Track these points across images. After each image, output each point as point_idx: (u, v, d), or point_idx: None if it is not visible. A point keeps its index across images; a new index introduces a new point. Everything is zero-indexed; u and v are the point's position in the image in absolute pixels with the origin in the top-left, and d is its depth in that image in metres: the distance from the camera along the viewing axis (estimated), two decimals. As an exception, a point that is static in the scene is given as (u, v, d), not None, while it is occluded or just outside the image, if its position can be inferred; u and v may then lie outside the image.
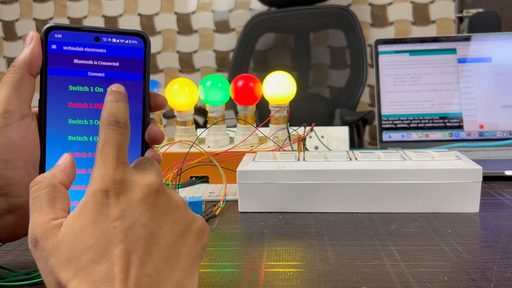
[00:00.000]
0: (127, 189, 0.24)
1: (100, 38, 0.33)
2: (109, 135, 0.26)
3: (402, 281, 0.33)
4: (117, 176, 0.24)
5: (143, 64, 0.34)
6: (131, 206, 0.24)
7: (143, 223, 0.24)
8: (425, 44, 0.82)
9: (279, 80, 0.61)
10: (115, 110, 0.27)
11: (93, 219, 0.23)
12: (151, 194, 0.25)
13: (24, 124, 0.31)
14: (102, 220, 0.23)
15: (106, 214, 0.23)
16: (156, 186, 0.25)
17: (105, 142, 0.26)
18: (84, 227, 0.23)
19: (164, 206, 0.25)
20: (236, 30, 2.00)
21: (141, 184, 0.25)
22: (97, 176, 0.25)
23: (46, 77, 0.32)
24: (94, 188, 0.24)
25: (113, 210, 0.23)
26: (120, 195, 0.24)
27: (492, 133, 0.79)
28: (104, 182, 0.24)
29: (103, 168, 0.25)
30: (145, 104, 0.34)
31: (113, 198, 0.24)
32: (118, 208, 0.24)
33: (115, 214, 0.23)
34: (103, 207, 0.24)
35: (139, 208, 0.24)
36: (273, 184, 0.49)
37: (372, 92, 1.95)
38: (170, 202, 0.26)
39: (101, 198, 0.24)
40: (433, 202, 0.47)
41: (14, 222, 0.32)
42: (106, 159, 0.25)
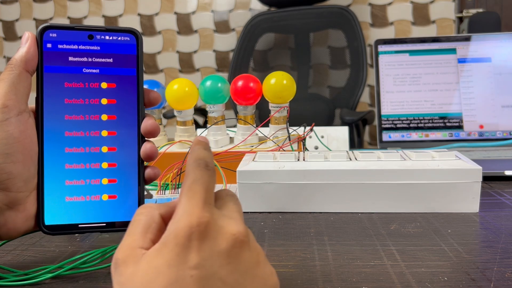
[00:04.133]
0: (211, 235, 0.23)
1: (93, 36, 0.34)
2: (198, 175, 0.25)
3: (402, 281, 0.33)
4: (203, 218, 0.23)
5: (136, 60, 0.35)
6: (212, 256, 0.22)
7: (222, 276, 0.22)
8: (425, 44, 0.82)
9: (279, 80, 0.61)
10: (204, 155, 0.27)
11: (171, 262, 0.22)
12: (236, 246, 0.23)
13: (22, 119, 0.32)
14: (180, 265, 0.21)
15: (185, 260, 0.22)
16: (242, 237, 0.23)
17: (194, 180, 0.25)
18: (160, 268, 0.22)
19: (246, 262, 0.23)
20: (236, 30, 2.00)
21: (226, 232, 0.23)
22: (183, 213, 0.23)
23: (42, 75, 0.33)
24: (178, 227, 0.22)
25: (193, 257, 0.22)
26: (203, 241, 0.22)
27: (492, 133, 0.79)
28: (189, 222, 0.22)
29: (190, 206, 0.23)
30: (139, 98, 0.35)
31: (196, 243, 0.22)
32: (199, 256, 0.22)
33: (195, 262, 0.22)
34: (183, 250, 0.22)
35: (220, 260, 0.22)
36: (273, 184, 0.49)
37: (372, 92, 1.95)
38: (252, 257, 0.24)
39: (183, 240, 0.22)
40: (433, 202, 0.47)
41: (14, 218, 0.32)
42: (194, 197, 0.24)
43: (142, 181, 0.35)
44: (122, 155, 0.35)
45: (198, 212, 0.23)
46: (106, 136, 0.35)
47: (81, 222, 0.34)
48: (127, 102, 0.35)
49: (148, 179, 0.36)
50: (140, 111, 0.35)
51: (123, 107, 0.35)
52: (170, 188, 0.56)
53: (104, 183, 0.35)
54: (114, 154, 0.35)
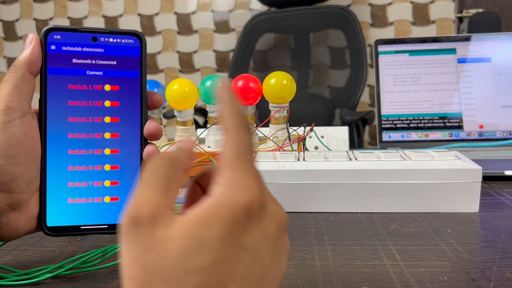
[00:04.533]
0: (265, 217, 0.21)
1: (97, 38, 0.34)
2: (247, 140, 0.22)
3: (402, 281, 0.33)
4: (262, 197, 0.21)
5: (140, 62, 0.35)
6: (263, 240, 0.21)
7: (263, 261, 0.21)
8: (425, 44, 0.82)
9: (279, 80, 0.61)
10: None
11: (221, 237, 0.19)
12: (280, 231, 0.22)
13: (26, 121, 0.32)
14: (232, 243, 0.19)
15: (238, 238, 0.20)
16: (286, 222, 0.23)
17: (246, 146, 0.22)
18: (207, 242, 0.19)
19: (281, 246, 0.23)
20: (236, 30, 2.00)
21: (276, 216, 0.22)
22: (241, 186, 0.20)
23: (46, 77, 0.33)
24: (236, 200, 0.20)
25: (246, 237, 0.20)
26: (259, 223, 0.21)
27: (492, 133, 0.79)
28: (249, 199, 0.20)
29: (248, 181, 0.21)
30: (143, 100, 0.35)
31: (253, 224, 0.20)
32: (252, 238, 0.20)
33: (247, 243, 0.20)
34: (239, 228, 0.20)
35: (268, 244, 0.21)
36: (273, 184, 0.49)
37: (372, 92, 1.95)
38: (285, 243, 0.23)
39: (240, 217, 0.20)
40: (433, 202, 0.47)
41: (16, 219, 0.32)
42: (249, 169, 0.21)
43: None
44: (125, 157, 0.35)
45: (257, 188, 0.21)
46: (109, 138, 0.35)
47: (83, 224, 0.34)
48: (130, 105, 0.35)
49: None
50: (143, 113, 0.35)
51: (126, 110, 0.35)
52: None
53: (107, 185, 0.35)
54: (116, 156, 0.35)
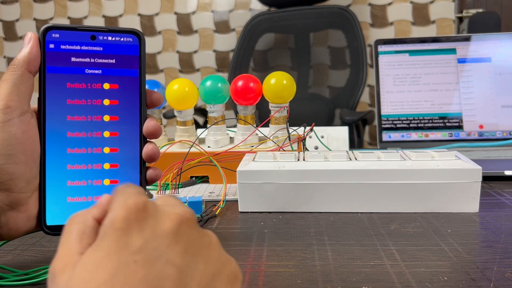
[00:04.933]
0: (152, 216, 0.21)
1: (96, 37, 0.34)
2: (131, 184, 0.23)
3: (402, 281, 0.33)
4: (140, 200, 0.21)
5: (139, 61, 0.35)
6: (157, 237, 0.20)
7: (170, 258, 0.19)
8: (425, 44, 0.82)
9: (279, 80, 0.61)
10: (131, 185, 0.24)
11: (110, 250, 0.19)
12: (183, 224, 0.21)
13: (25, 120, 0.32)
14: (120, 251, 0.19)
15: (125, 244, 0.19)
16: (188, 215, 0.21)
17: (126, 185, 0.23)
18: (99, 261, 0.19)
19: (196, 242, 0.21)
20: (236, 30, 2.00)
21: (170, 212, 0.21)
22: (117, 204, 0.21)
23: (44, 75, 0.33)
24: (113, 215, 0.20)
25: (134, 240, 0.19)
26: (144, 222, 0.20)
27: (491, 133, 0.79)
28: (125, 208, 0.20)
29: (124, 197, 0.21)
30: (142, 99, 0.35)
31: (136, 226, 0.20)
32: (141, 238, 0.20)
33: (137, 245, 0.19)
34: (122, 235, 0.19)
35: (166, 240, 0.20)
36: (273, 184, 0.49)
37: (372, 92, 1.95)
38: (203, 237, 0.22)
39: (120, 224, 0.20)
40: (433, 202, 0.47)
41: (16, 218, 0.32)
42: (125, 192, 0.22)
43: (143, 182, 0.35)
44: (124, 156, 0.35)
45: (133, 198, 0.21)
46: (108, 137, 0.35)
47: None
48: (129, 103, 0.35)
49: (149, 180, 0.36)
50: (142, 112, 0.35)
51: (125, 108, 0.35)
52: (170, 188, 0.56)
53: (106, 183, 0.35)
54: (116, 155, 0.35)
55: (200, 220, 0.46)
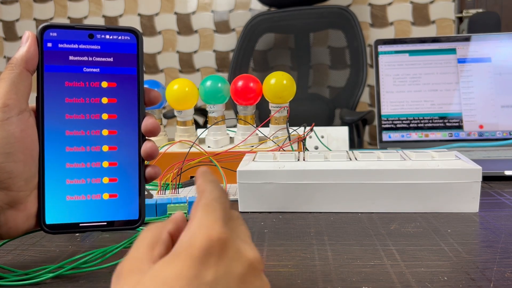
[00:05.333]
0: (230, 255, 0.21)
1: (94, 35, 0.34)
2: (217, 194, 0.24)
3: (402, 281, 0.33)
4: (224, 234, 0.21)
5: (136, 59, 0.35)
6: (228, 278, 0.21)
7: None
8: (425, 44, 0.82)
9: (279, 80, 0.61)
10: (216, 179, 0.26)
11: (182, 274, 0.20)
12: (251, 273, 0.22)
13: (23, 118, 0.32)
14: (192, 279, 0.20)
15: (199, 274, 0.20)
16: (258, 264, 0.22)
17: (214, 198, 0.23)
18: (169, 279, 0.19)
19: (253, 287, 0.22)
20: (236, 30, 2.00)
21: (244, 256, 0.22)
22: (201, 226, 0.21)
23: (42, 74, 0.33)
24: (195, 238, 0.21)
25: (208, 272, 0.20)
26: (221, 259, 0.21)
27: (491, 133, 0.79)
28: (208, 236, 0.21)
29: (209, 221, 0.22)
30: (140, 97, 0.35)
31: (214, 259, 0.20)
32: (215, 274, 0.20)
33: (209, 279, 0.20)
34: (199, 265, 0.20)
35: (231, 282, 0.21)
36: (273, 184, 0.49)
37: (372, 92, 1.95)
38: (259, 285, 0.22)
39: (200, 253, 0.20)
40: (433, 202, 0.47)
41: (15, 217, 0.32)
42: (213, 213, 0.22)
43: (142, 180, 0.35)
44: (123, 154, 0.35)
45: (218, 227, 0.21)
46: (107, 135, 0.35)
47: (82, 221, 0.34)
48: (128, 101, 0.35)
49: (148, 178, 0.36)
50: (140, 110, 0.35)
51: (124, 106, 0.35)
52: (170, 188, 0.56)
53: (105, 182, 0.35)
54: (114, 153, 0.35)
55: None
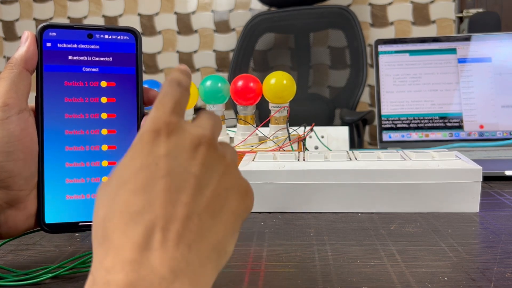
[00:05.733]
0: (177, 134, 0.23)
1: (93, 35, 0.34)
2: (169, 90, 0.25)
3: (402, 281, 0.33)
4: (170, 120, 0.23)
5: (135, 58, 0.35)
6: (179, 150, 0.22)
7: (189, 168, 0.22)
8: (425, 44, 0.82)
9: (279, 80, 0.61)
10: (179, 77, 0.27)
11: (135, 154, 0.22)
12: (201, 144, 0.23)
13: (23, 117, 0.32)
14: (146, 155, 0.22)
15: (151, 150, 0.22)
16: (206, 139, 0.24)
17: (165, 94, 0.25)
18: (127, 163, 0.22)
19: (213, 159, 0.23)
20: (236, 30, 2.00)
21: (192, 134, 0.23)
22: (149, 119, 0.23)
23: (42, 74, 0.33)
24: (143, 129, 0.23)
25: (160, 148, 0.22)
26: (170, 136, 0.23)
27: (492, 133, 0.79)
28: (155, 124, 0.23)
29: (157, 113, 0.23)
30: (139, 96, 0.35)
31: (163, 138, 0.22)
32: (166, 147, 0.22)
33: (161, 153, 0.22)
34: (149, 144, 0.22)
35: (185, 154, 0.22)
36: (273, 184, 0.49)
37: (372, 92, 1.95)
38: (220, 157, 0.24)
39: (149, 137, 0.22)
40: (433, 202, 0.47)
41: (14, 216, 0.32)
42: (162, 107, 0.24)
43: None
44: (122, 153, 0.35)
45: (164, 116, 0.23)
46: (106, 134, 0.35)
47: (82, 220, 0.34)
48: (127, 101, 0.35)
49: None
50: (139, 109, 0.35)
51: (123, 106, 0.35)
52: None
53: None
54: (114, 152, 0.35)
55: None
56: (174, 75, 0.27)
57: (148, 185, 0.21)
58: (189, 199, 0.21)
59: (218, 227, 0.22)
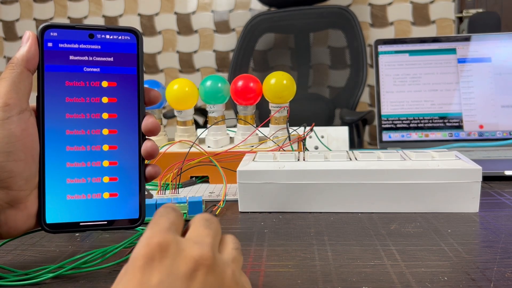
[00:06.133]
0: (172, 256, 0.22)
1: (94, 35, 0.34)
2: (164, 212, 0.25)
3: (402, 281, 0.33)
4: (162, 239, 0.22)
5: (137, 59, 0.35)
6: (173, 278, 0.21)
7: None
8: (425, 44, 0.82)
9: (279, 80, 0.61)
10: (174, 206, 0.27)
11: (127, 283, 0.21)
12: (198, 269, 0.22)
13: (24, 117, 0.32)
14: (137, 285, 0.21)
15: (142, 279, 0.21)
16: (204, 261, 0.22)
17: (160, 215, 0.25)
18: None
19: (213, 285, 0.22)
20: (236, 30, 2.00)
21: (189, 255, 0.22)
22: (143, 239, 0.22)
23: (43, 74, 0.33)
24: (136, 252, 0.22)
25: (152, 277, 0.21)
26: (162, 261, 0.21)
27: (492, 133, 0.79)
28: (148, 245, 0.22)
29: (151, 231, 0.23)
30: (140, 96, 0.35)
31: (156, 263, 0.21)
32: (158, 275, 0.21)
33: (154, 281, 0.21)
34: (142, 271, 0.21)
35: (180, 284, 0.21)
36: (273, 184, 0.49)
37: (372, 92, 1.95)
38: (220, 280, 0.23)
39: (141, 261, 0.21)
40: (433, 202, 0.47)
41: (15, 217, 0.32)
42: (157, 226, 0.23)
43: (143, 179, 0.36)
44: (123, 153, 0.35)
45: (160, 235, 0.22)
46: (107, 134, 0.35)
47: (82, 220, 0.34)
48: (128, 101, 0.35)
49: (149, 177, 0.36)
50: (140, 109, 0.35)
51: (124, 106, 0.35)
52: (170, 188, 0.56)
53: (105, 181, 0.35)
54: (115, 152, 0.35)
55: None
56: (168, 204, 0.27)
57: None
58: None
59: None
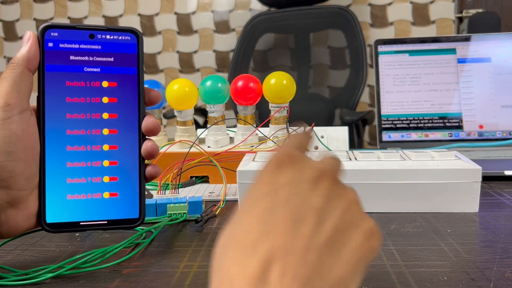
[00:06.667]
0: (300, 165, 0.24)
1: (94, 35, 0.34)
2: (295, 136, 0.28)
3: (402, 281, 0.33)
4: (292, 152, 0.24)
5: (137, 59, 0.35)
6: (300, 180, 0.23)
7: (308, 199, 0.22)
8: (424, 44, 0.82)
9: (279, 80, 0.61)
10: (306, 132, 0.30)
11: (258, 185, 0.23)
12: (323, 178, 0.23)
13: (24, 117, 0.32)
14: (266, 184, 0.23)
15: (273, 178, 0.23)
16: (328, 172, 0.24)
17: (291, 138, 0.27)
18: (257, 186, 0.23)
19: (335, 193, 0.23)
20: (236, 30, 2.00)
21: (314, 166, 0.24)
22: (274, 154, 0.25)
23: (44, 74, 0.33)
24: (270, 159, 0.24)
25: (282, 177, 0.23)
26: (292, 167, 0.23)
27: (491, 133, 0.79)
28: (278, 156, 0.24)
29: (281, 148, 0.25)
30: (140, 96, 0.36)
31: (286, 168, 0.23)
32: (287, 176, 0.23)
33: (283, 180, 0.22)
34: (271, 173, 0.23)
35: (307, 185, 0.22)
36: (273, 184, 0.49)
37: (372, 92, 1.95)
38: (343, 193, 0.23)
39: (272, 167, 0.23)
40: (433, 202, 0.47)
41: (15, 216, 0.32)
42: (286, 145, 0.26)
43: (143, 178, 0.36)
44: (123, 153, 0.35)
45: (288, 150, 0.25)
46: (107, 134, 0.35)
47: (83, 220, 0.34)
48: (128, 101, 0.35)
49: (149, 177, 0.36)
50: (140, 109, 0.35)
51: (124, 106, 0.35)
52: (170, 188, 0.56)
53: (106, 181, 0.35)
54: (115, 152, 0.35)
55: (200, 220, 0.46)
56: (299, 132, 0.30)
57: (266, 214, 0.21)
58: (308, 231, 0.20)
59: (338, 265, 0.20)
